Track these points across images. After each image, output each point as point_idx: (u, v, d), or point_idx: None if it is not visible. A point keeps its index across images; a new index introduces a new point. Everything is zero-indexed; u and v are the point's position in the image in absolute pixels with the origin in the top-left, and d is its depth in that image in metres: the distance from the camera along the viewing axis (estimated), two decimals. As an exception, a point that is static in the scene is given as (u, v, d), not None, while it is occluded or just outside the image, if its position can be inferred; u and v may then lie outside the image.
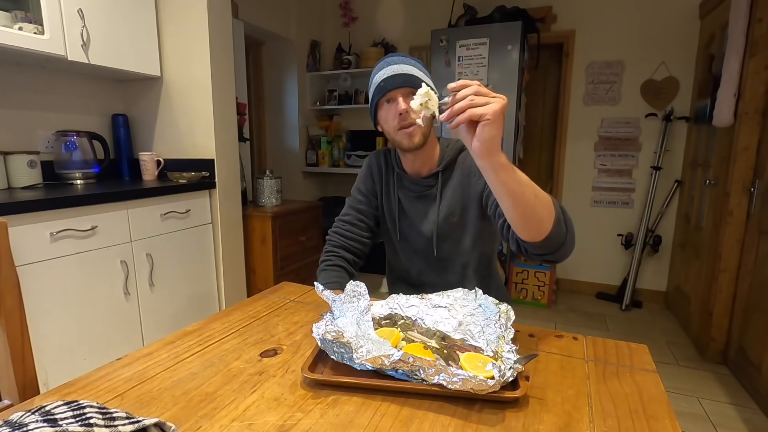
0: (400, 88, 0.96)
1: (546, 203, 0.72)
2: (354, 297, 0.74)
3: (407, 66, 0.98)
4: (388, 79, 0.97)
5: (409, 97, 0.94)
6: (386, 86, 0.97)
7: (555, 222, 0.72)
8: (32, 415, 0.44)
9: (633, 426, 0.53)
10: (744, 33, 2.00)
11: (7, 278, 0.72)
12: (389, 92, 0.97)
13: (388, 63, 1.00)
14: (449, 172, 1.07)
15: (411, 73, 0.97)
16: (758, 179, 1.98)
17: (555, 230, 0.73)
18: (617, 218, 3.10)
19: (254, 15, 2.86)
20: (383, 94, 0.98)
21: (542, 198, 0.71)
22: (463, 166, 1.05)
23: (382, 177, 1.16)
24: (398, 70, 0.97)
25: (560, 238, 0.74)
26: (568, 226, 0.76)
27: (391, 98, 0.98)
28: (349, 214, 1.18)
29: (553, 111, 3.27)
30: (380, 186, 1.17)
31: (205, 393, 0.60)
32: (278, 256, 2.50)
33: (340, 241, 1.17)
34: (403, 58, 1.01)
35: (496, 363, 0.62)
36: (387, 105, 1.00)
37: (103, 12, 1.75)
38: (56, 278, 1.45)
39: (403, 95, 0.97)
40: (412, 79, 0.96)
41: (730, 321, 2.16)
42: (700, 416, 1.79)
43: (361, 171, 1.22)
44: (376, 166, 1.18)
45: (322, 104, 3.62)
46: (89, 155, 1.92)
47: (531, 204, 0.70)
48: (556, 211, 0.73)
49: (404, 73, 0.96)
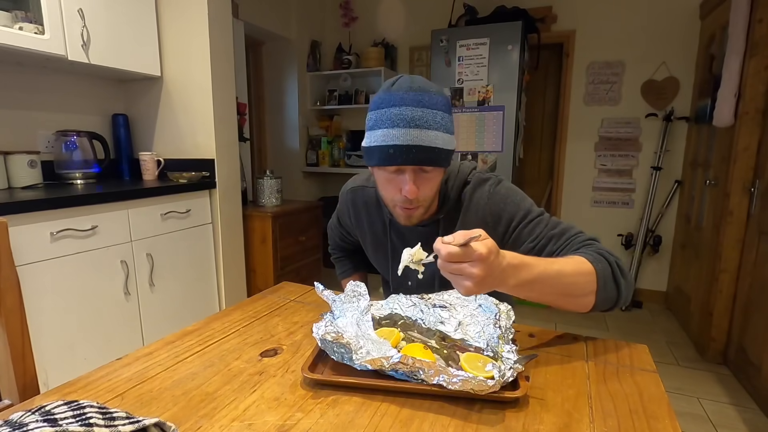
0: (412, 165, 0.76)
1: (583, 283, 0.65)
2: (354, 297, 0.75)
3: (427, 132, 0.73)
4: (400, 149, 0.74)
5: (419, 177, 0.77)
6: (396, 157, 0.75)
7: (599, 291, 0.67)
8: (32, 414, 0.44)
9: (633, 426, 0.53)
10: (744, 33, 2.00)
11: (7, 278, 0.72)
12: (399, 165, 0.76)
13: (407, 122, 0.73)
14: (451, 215, 0.90)
15: (431, 146, 0.74)
16: (758, 179, 1.98)
17: (601, 297, 0.68)
18: (617, 218, 3.10)
19: (254, 15, 2.86)
20: (390, 164, 0.76)
21: (577, 281, 0.65)
22: (468, 209, 0.88)
23: (364, 220, 1.00)
24: (416, 141, 0.73)
25: (610, 300, 0.70)
26: (618, 281, 0.70)
27: (400, 171, 0.78)
28: (335, 232, 1.16)
29: (553, 111, 3.27)
30: (361, 229, 1.02)
31: (205, 393, 0.60)
32: (278, 256, 2.50)
33: (335, 244, 1.22)
34: (428, 113, 0.74)
35: (496, 363, 0.62)
36: (390, 175, 0.79)
37: (104, 12, 1.75)
38: (56, 278, 1.45)
39: (415, 172, 0.77)
40: (431, 156, 0.75)
41: (730, 321, 2.15)
42: (700, 416, 1.78)
43: (339, 202, 1.07)
44: (353, 207, 1.01)
45: (322, 104, 3.62)
46: (89, 155, 1.92)
47: (565, 294, 0.65)
48: (599, 278, 0.67)
49: (421, 147, 0.73)
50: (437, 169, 0.79)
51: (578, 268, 0.66)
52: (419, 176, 0.77)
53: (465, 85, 2.75)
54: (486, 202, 0.86)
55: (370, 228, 0.99)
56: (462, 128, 2.79)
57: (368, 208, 0.98)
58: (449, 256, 0.55)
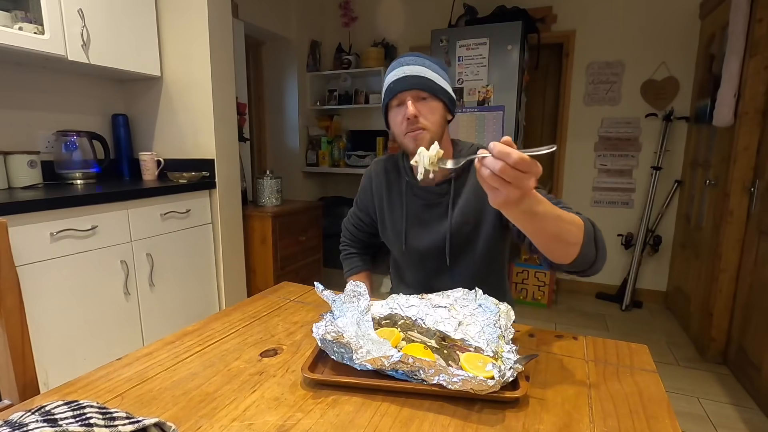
0: (409, 91, 0.92)
1: (574, 231, 0.69)
2: (354, 297, 0.75)
3: (420, 67, 0.93)
4: (398, 81, 0.93)
5: (419, 103, 0.92)
6: (395, 88, 0.93)
7: (583, 245, 0.71)
8: (32, 415, 0.44)
9: (633, 426, 0.53)
10: (744, 33, 2.00)
11: (7, 278, 0.72)
12: (398, 94, 0.94)
13: (401, 63, 0.95)
14: (463, 178, 1.02)
15: (422, 75, 0.92)
16: (758, 179, 1.98)
17: (583, 253, 0.71)
18: (617, 218, 3.10)
19: (254, 15, 2.86)
20: (392, 96, 0.95)
21: (569, 229, 0.68)
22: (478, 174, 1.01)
23: (384, 188, 1.12)
24: (409, 72, 0.92)
25: (589, 260, 0.73)
26: (599, 244, 0.75)
27: (401, 101, 0.94)
28: (351, 219, 1.28)
29: (553, 111, 3.27)
30: (380, 199, 1.13)
31: (205, 393, 0.60)
32: (278, 256, 2.50)
33: (350, 235, 1.29)
34: (418, 59, 0.95)
35: (496, 363, 0.62)
36: (396, 108, 0.96)
37: (104, 12, 1.76)
38: (56, 278, 1.45)
39: (412, 98, 0.93)
40: (423, 81, 0.92)
41: (730, 321, 2.15)
42: (700, 416, 1.78)
43: (362, 179, 1.20)
44: (375, 176, 1.14)
45: (322, 104, 3.62)
46: (89, 155, 1.92)
47: (556, 238, 0.68)
48: (586, 233, 0.71)
49: (415, 75, 0.92)
50: (434, 99, 0.94)
51: (572, 219, 0.70)
52: (418, 102, 0.93)
53: (465, 85, 2.75)
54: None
55: (388, 192, 1.11)
56: (462, 128, 2.79)
57: (389, 174, 1.11)
58: (521, 161, 0.52)
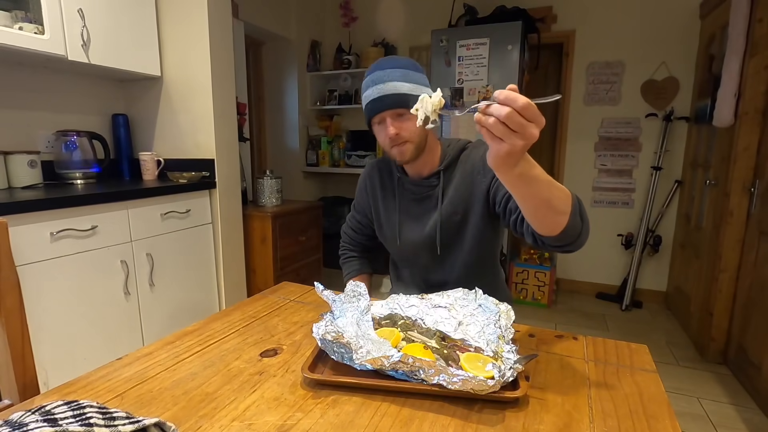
0: (387, 111, 0.96)
1: (563, 199, 0.71)
2: (354, 297, 0.75)
3: (395, 83, 0.95)
4: (375, 101, 0.96)
5: (397, 120, 0.96)
6: (374, 108, 0.97)
7: (571, 215, 0.72)
8: (32, 414, 0.44)
9: (633, 426, 0.53)
10: (744, 33, 2.00)
11: (7, 278, 0.72)
12: (378, 114, 0.97)
13: (375, 81, 0.96)
14: (451, 170, 1.06)
15: (398, 92, 0.94)
16: (758, 179, 1.98)
17: (571, 223, 0.72)
18: (617, 218, 3.10)
19: (254, 15, 2.86)
20: (373, 116, 0.98)
21: (559, 195, 0.70)
22: (465, 164, 1.05)
23: (378, 188, 1.17)
24: (385, 90, 0.95)
25: (576, 231, 0.74)
26: (584, 216, 0.76)
27: (381, 119, 0.98)
28: (350, 223, 1.31)
29: (553, 111, 3.27)
30: (375, 199, 1.18)
31: (205, 393, 0.60)
32: (278, 256, 2.50)
33: (349, 239, 1.32)
34: (391, 71, 0.96)
35: (496, 363, 0.63)
36: (378, 126, 1.00)
37: (104, 12, 1.75)
38: (56, 278, 1.45)
39: (391, 117, 0.96)
40: (399, 99, 0.95)
41: (730, 321, 2.15)
42: (700, 416, 1.78)
43: (358, 182, 1.25)
44: (370, 177, 1.19)
45: (322, 104, 3.62)
46: (89, 155, 1.92)
47: (547, 204, 0.69)
48: (573, 204, 0.73)
49: (391, 94, 0.94)
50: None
51: (561, 188, 0.71)
52: (397, 119, 0.97)
53: (465, 85, 2.75)
54: (481, 156, 1.01)
55: (383, 191, 1.16)
56: (462, 128, 2.79)
57: (383, 173, 1.17)
58: (528, 106, 0.52)
